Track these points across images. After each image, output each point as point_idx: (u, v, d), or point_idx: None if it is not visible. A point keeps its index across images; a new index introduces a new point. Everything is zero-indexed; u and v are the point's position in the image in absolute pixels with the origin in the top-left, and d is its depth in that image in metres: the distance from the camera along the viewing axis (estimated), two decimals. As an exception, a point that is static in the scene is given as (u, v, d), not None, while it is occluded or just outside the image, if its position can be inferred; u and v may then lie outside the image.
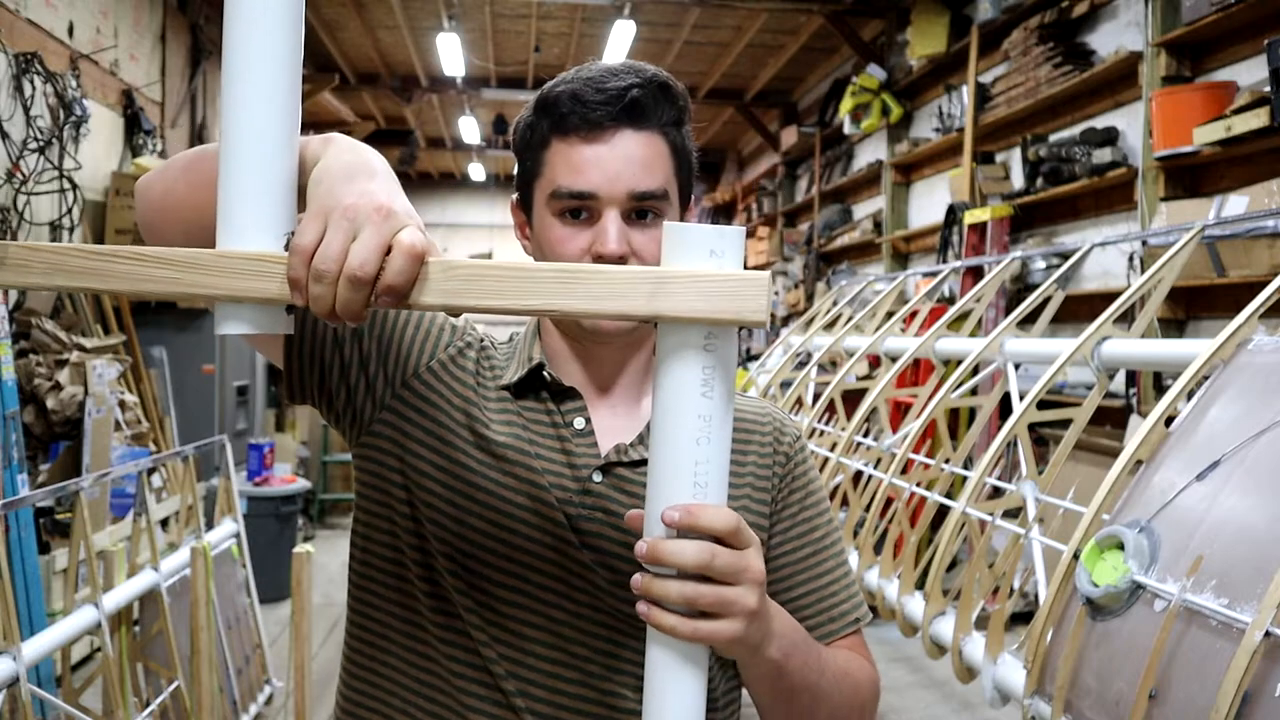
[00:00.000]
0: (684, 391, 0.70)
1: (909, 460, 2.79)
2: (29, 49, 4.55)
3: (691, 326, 0.68)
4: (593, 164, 0.92)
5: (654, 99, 0.94)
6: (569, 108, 0.92)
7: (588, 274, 0.68)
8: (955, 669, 2.19)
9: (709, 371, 0.69)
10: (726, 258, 0.67)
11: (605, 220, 0.92)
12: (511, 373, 1.00)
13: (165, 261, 0.68)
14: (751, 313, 0.66)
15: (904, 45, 6.77)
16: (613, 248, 0.91)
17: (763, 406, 1.07)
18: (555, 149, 0.94)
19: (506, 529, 0.94)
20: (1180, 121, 3.91)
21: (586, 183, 0.91)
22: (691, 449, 0.70)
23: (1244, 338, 1.81)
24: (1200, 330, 4.05)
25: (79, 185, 4.89)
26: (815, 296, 8.18)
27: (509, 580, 0.94)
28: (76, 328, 4.64)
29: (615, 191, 0.92)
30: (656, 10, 7.24)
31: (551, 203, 0.93)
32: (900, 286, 4.13)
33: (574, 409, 0.98)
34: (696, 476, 0.70)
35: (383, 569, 0.99)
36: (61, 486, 2.40)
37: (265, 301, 0.69)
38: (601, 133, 0.92)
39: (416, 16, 7.67)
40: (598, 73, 0.93)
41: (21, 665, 1.97)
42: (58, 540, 3.73)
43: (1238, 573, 1.39)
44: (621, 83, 0.92)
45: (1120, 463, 1.77)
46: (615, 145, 0.92)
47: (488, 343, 1.05)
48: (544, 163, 0.95)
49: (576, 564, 0.94)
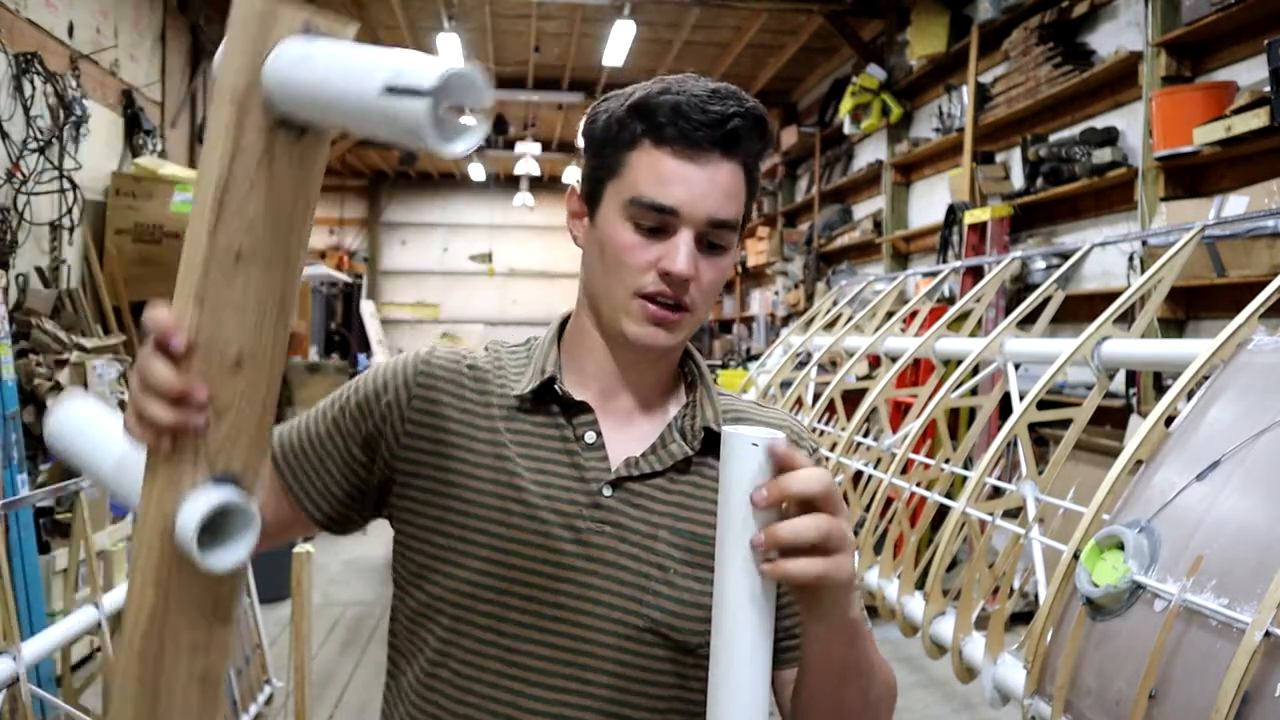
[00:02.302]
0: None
1: (909, 460, 2.79)
2: (29, 49, 4.55)
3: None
4: (681, 181, 0.92)
5: (749, 131, 0.94)
6: (669, 119, 0.92)
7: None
8: (955, 669, 2.19)
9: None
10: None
11: (679, 239, 0.92)
12: (525, 383, 1.00)
13: None
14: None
15: (904, 45, 6.77)
16: (683, 267, 0.92)
17: (781, 418, 1.07)
18: (644, 154, 0.93)
19: (513, 553, 0.94)
20: (1180, 121, 3.90)
21: (672, 198, 0.92)
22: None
23: (1244, 338, 1.81)
24: (1200, 330, 4.04)
25: (79, 185, 4.89)
26: (815, 296, 8.18)
27: (515, 602, 0.93)
28: (76, 328, 4.64)
29: (696, 214, 0.92)
30: (656, 10, 7.24)
31: (629, 208, 0.93)
32: (900, 286, 4.13)
33: (584, 422, 0.98)
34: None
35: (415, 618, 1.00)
36: (61, 486, 2.40)
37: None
38: (696, 153, 0.92)
39: (416, 16, 7.67)
40: (703, 91, 0.93)
41: (21, 665, 1.97)
42: (58, 540, 3.73)
43: (1238, 573, 1.39)
44: (725, 109, 0.92)
45: (1120, 463, 1.77)
46: (705, 169, 0.93)
47: (478, 360, 1.04)
48: (627, 164, 0.94)
49: (583, 576, 0.93)
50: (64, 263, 4.93)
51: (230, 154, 0.70)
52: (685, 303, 0.94)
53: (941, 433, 2.73)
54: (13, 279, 4.44)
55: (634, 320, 0.95)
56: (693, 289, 0.94)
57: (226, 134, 0.70)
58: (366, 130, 0.67)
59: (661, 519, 0.96)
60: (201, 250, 0.70)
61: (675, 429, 1.00)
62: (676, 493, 0.97)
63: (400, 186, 14.74)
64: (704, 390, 1.03)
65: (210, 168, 0.71)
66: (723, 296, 12.07)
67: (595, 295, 0.98)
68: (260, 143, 0.71)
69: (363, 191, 15.02)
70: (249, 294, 0.72)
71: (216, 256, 0.71)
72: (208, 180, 0.71)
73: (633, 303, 0.94)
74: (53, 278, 4.83)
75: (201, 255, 0.70)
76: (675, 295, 0.94)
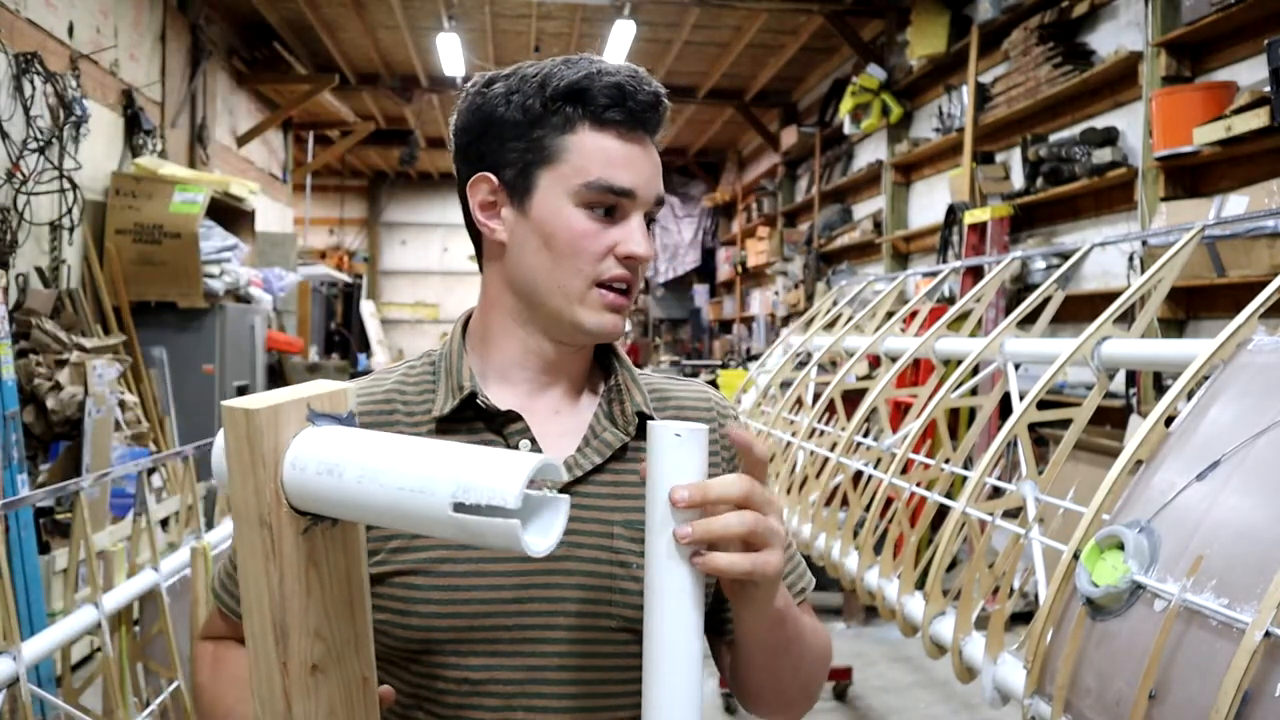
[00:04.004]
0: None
1: (909, 460, 2.79)
2: (29, 49, 4.55)
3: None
4: (630, 163, 0.91)
5: (666, 112, 0.95)
6: (612, 100, 0.90)
7: None
8: (955, 669, 2.19)
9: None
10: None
11: (633, 222, 0.92)
12: (442, 402, 0.94)
13: None
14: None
15: (904, 45, 6.77)
16: (646, 249, 0.92)
17: (701, 390, 1.06)
18: (586, 137, 0.91)
19: (467, 586, 0.90)
20: (1180, 121, 3.90)
21: (628, 180, 0.91)
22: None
23: (1244, 338, 1.81)
24: (1200, 330, 4.04)
25: (79, 185, 4.89)
26: (815, 296, 8.18)
27: (480, 635, 0.89)
28: (76, 328, 4.64)
29: (648, 195, 0.93)
30: (656, 10, 7.24)
31: (583, 193, 0.90)
32: (900, 286, 4.13)
33: (516, 431, 0.93)
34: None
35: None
36: (61, 486, 2.39)
37: None
38: (636, 134, 0.92)
39: (416, 16, 7.67)
40: (629, 72, 0.92)
41: (21, 665, 1.97)
42: (58, 540, 3.74)
43: (1238, 573, 1.39)
44: (654, 89, 0.93)
45: (1120, 463, 1.77)
46: (644, 149, 0.93)
47: (369, 395, 0.96)
48: (568, 149, 0.91)
49: (547, 591, 0.90)
50: (64, 263, 4.93)
51: (278, 576, 0.65)
52: (634, 285, 0.94)
53: (941, 433, 2.73)
54: (13, 279, 4.44)
55: (591, 310, 0.92)
56: (639, 270, 0.93)
57: (266, 559, 0.65)
58: (435, 534, 0.65)
59: (613, 514, 0.93)
60: (277, 681, 0.66)
61: (604, 416, 0.97)
62: (622, 484, 0.95)
63: (400, 186, 14.73)
64: (625, 373, 1.00)
65: (259, 597, 0.66)
66: (723, 297, 12.07)
67: (537, 290, 0.93)
68: (300, 550, 0.67)
69: (363, 191, 15.02)
70: (335, 691, 0.69)
71: (294, 680, 0.67)
72: (261, 610, 0.66)
73: (590, 292, 0.91)
74: (53, 278, 4.83)
75: (279, 685, 0.66)
76: (631, 278, 0.92)
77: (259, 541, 0.65)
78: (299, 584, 0.67)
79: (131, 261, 5.35)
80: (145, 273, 5.38)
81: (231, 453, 0.66)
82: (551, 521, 0.67)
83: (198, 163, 6.79)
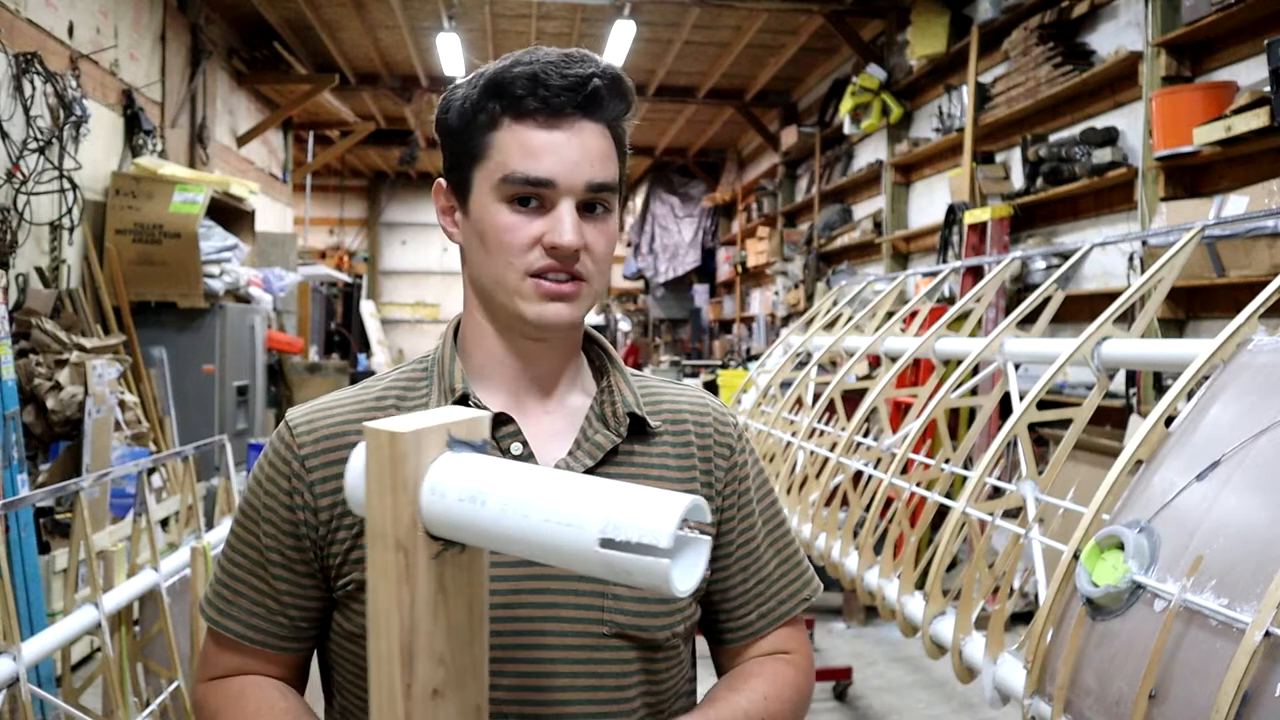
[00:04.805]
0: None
1: (909, 460, 2.79)
2: (29, 49, 4.55)
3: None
4: (550, 151, 0.89)
5: (610, 91, 0.91)
6: (527, 89, 0.89)
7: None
8: (955, 669, 2.19)
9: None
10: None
11: (561, 210, 0.89)
12: (433, 405, 0.94)
13: None
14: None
15: (904, 45, 6.77)
16: (570, 238, 0.88)
17: (698, 395, 1.05)
18: (508, 132, 0.90)
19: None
20: (1180, 121, 3.90)
21: (544, 169, 0.88)
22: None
23: (1244, 338, 1.81)
24: (1200, 330, 4.04)
25: (79, 185, 4.89)
26: (815, 296, 8.18)
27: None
28: (76, 328, 4.64)
29: (573, 181, 0.89)
30: (656, 10, 7.24)
31: (502, 187, 0.90)
32: (900, 286, 4.13)
33: (508, 434, 0.93)
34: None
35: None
36: (61, 486, 2.39)
37: None
38: (560, 120, 0.89)
39: (416, 16, 7.67)
40: (557, 58, 0.90)
41: (21, 665, 1.97)
42: (58, 540, 3.73)
43: (1238, 573, 1.39)
44: (583, 70, 0.90)
45: (1120, 463, 1.77)
46: (573, 134, 0.90)
47: (363, 397, 0.97)
48: (492, 145, 0.91)
49: (538, 597, 0.90)
50: (64, 263, 4.93)
51: (409, 600, 0.66)
52: (579, 273, 0.91)
53: (941, 433, 2.73)
54: (13, 279, 4.44)
55: (530, 301, 0.91)
56: (584, 258, 0.91)
57: (399, 582, 0.66)
58: (578, 568, 0.65)
59: None
60: (400, 705, 0.66)
61: (595, 418, 0.97)
62: None
63: (400, 186, 14.73)
64: (617, 374, 1.00)
65: (388, 619, 0.66)
66: (723, 297, 12.07)
67: (485, 288, 0.94)
68: (431, 574, 0.67)
69: (363, 191, 15.02)
70: (452, 717, 0.70)
71: (415, 704, 0.67)
72: (390, 633, 0.66)
73: (524, 284, 0.90)
74: (53, 278, 4.83)
75: (401, 708, 0.66)
76: (566, 267, 0.90)
77: (393, 564, 0.66)
78: (428, 608, 0.67)
79: (131, 261, 5.35)
80: (145, 273, 5.38)
81: (372, 474, 0.66)
82: (695, 562, 0.66)
83: (198, 163, 6.79)
